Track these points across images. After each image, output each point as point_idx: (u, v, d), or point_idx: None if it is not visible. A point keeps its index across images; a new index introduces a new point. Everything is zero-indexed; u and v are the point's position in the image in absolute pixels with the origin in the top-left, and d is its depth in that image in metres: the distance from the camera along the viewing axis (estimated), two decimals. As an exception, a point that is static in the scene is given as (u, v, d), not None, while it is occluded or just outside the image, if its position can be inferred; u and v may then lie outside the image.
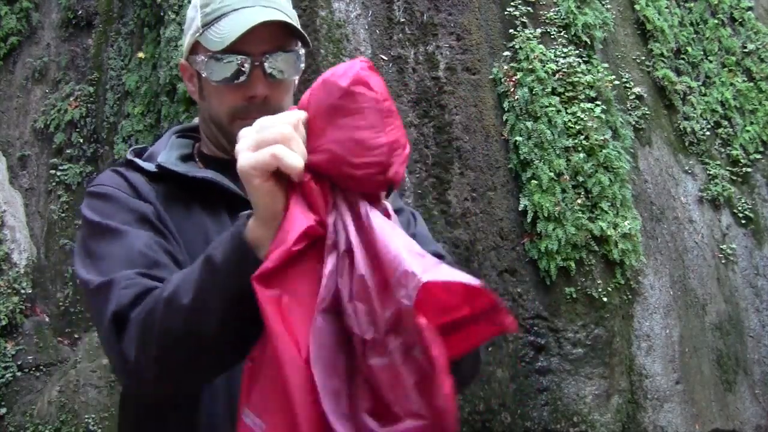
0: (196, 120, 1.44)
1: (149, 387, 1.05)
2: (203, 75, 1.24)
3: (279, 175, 0.90)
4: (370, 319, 0.85)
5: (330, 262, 0.90)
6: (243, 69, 1.20)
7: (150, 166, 1.26)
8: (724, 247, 5.22)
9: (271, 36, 1.21)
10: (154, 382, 1.02)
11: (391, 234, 0.88)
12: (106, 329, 1.04)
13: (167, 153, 1.29)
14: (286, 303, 0.89)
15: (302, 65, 1.27)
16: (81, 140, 6.06)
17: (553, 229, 3.92)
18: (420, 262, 0.83)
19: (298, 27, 1.23)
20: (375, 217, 0.90)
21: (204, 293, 0.96)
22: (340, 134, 0.91)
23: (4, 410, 5.25)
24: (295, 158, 0.89)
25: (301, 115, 0.94)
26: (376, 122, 0.92)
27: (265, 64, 1.21)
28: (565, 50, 4.37)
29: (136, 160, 1.28)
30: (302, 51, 1.26)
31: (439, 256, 1.23)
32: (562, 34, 4.42)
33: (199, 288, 0.97)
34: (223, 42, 1.18)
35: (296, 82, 1.32)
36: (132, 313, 1.02)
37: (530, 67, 4.22)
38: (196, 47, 1.26)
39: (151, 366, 1.00)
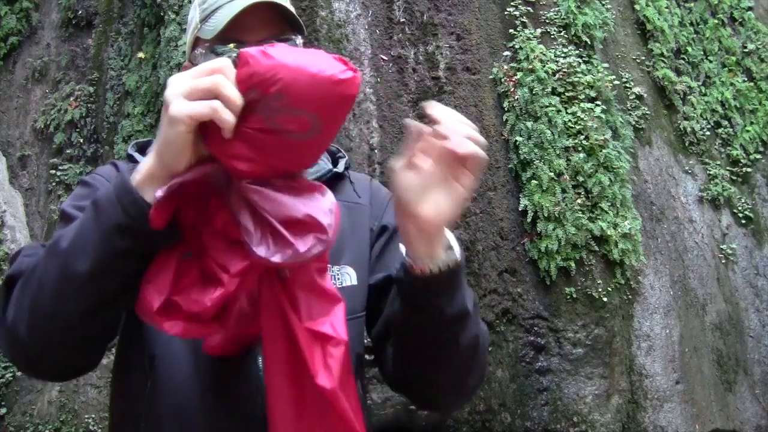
0: None
1: (22, 349, 1.03)
2: None
3: (200, 128, 0.92)
4: None
5: None
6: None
7: None
8: (724, 247, 5.22)
9: (266, 24, 1.22)
10: (26, 341, 1.00)
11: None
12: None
13: None
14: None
15: None
16: (81, 140, 6.05)
17: (553, 229, 3.92)
18: None
19: (292, 11, 1.23)
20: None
21: (82, 232, 0.97)
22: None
23: (4, 410, 5.25)
24: (228, 114, 0.90)
25: (228, 65, 0.94)
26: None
27: None
28: (565, 50, 4.37)
29: (135, 154, 1.31)
30: (299, 40, 1.27)
31: None
32: (562, 34, 4.42)
33: (79, 228, 0.97)
34: (215, 29, 1.20)
35: None
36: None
37: (530, 67, 4.22)
38: (196, 43, 1.28)
39: (23, 320, 0.99)
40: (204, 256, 0.98)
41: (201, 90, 0.91)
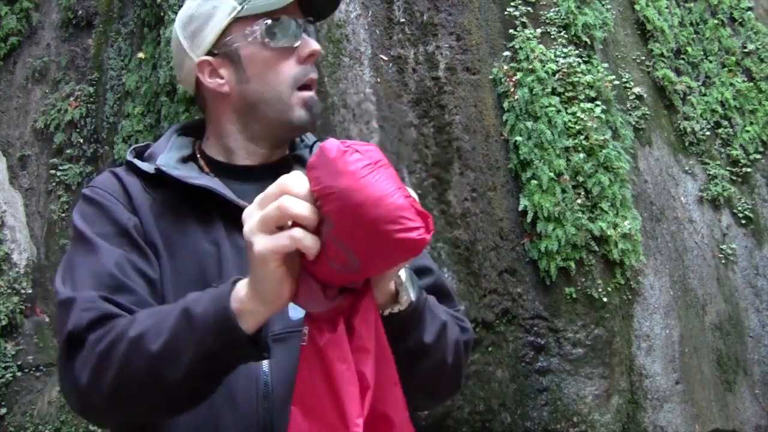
0: (198, 116, 1.44)
1: (96, 414, 1.07)
2: (266, 41, 1.23)
3: (289, 255, 0.87)
4: None
5: None
6: (303, 29, 1.24)
7: (149, 168, 1.24)
8: (724, 247, 5.22)
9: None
10: (103, 411, 1.04)
11: None
12: (61, 347, 1.06)
13: (167, 154, 1.28)
14: None
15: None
16: (81, 140, 6.06)
17: (553, 229, 3.92)
18: None
19: None
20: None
21: (175, 345, 0.96)
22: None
23: (4, 410, 5.25)
24: (310, 239, 0.85)
25: (304, 183, 0.86)
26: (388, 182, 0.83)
27: (309, 26, 1.26)
28: (565, 50, 4.37)
29: (135, 161, 1.27)
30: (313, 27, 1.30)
31: (427, 271, 1.26)
32: (562, 34, 4.42)
33: (171, 338, 0.96)
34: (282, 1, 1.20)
35: None
36: (89, 337, 1.03)
37: (530, 67, 4.22)
38: (229, 30, 1.26)
39: (102, 396, 1.00)
40: None
41: (273, 220, 0.85)
